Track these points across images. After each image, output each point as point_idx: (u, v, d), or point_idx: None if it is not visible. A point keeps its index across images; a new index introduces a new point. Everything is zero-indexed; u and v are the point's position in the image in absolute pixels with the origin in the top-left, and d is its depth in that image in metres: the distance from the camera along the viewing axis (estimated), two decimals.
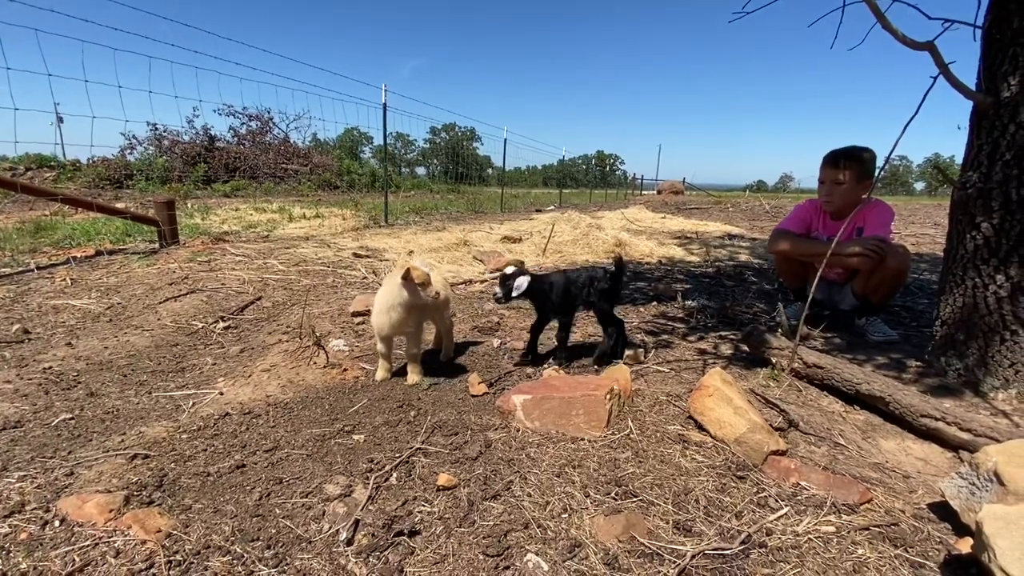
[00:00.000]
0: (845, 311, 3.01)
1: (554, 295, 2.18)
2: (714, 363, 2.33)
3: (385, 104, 7.47)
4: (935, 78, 1.75)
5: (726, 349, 2.56)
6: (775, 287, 4.05)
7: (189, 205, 8.22)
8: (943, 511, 1.31)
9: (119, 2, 4.11)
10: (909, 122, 1.80)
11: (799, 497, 1.37)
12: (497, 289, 2.09)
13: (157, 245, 4.53)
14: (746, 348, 2.42)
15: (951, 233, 2.04)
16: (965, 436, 1.59)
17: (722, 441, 1.60)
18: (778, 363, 2.14)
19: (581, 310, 2.37)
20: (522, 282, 2.06)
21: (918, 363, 2.27)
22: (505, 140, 12.89)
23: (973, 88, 1.90)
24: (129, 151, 13.28)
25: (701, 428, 1.69)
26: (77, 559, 1.08)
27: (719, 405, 1.65)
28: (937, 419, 1.66)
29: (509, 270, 2.08)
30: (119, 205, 7.75)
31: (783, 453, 1.55)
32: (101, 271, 3.69)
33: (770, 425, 1.67)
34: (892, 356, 2.43)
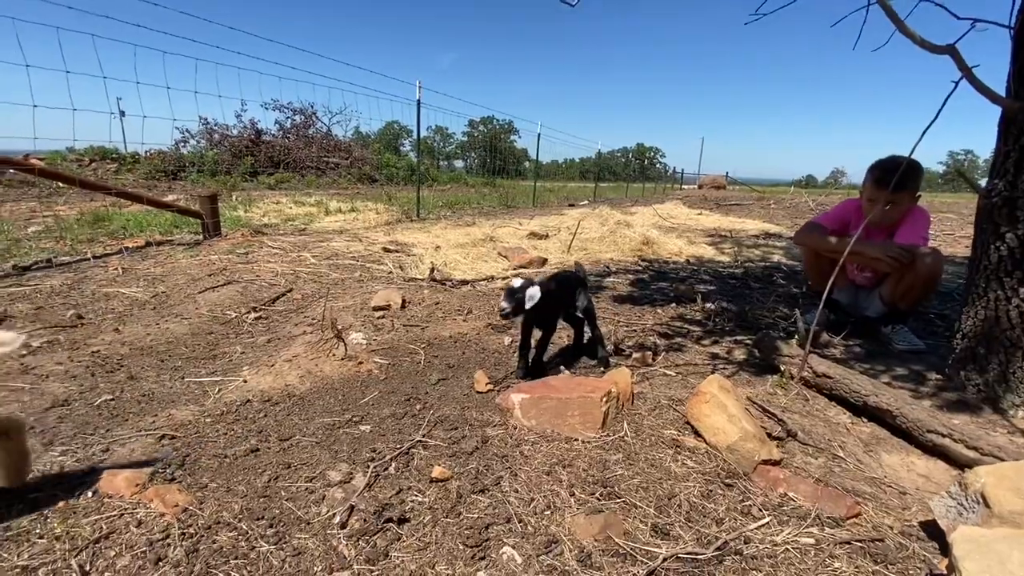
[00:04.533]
0: (871, 318, 2.91)
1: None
2: (724, 368, 2.32)
3: (419, 101, 7.61)
4: (956, 82, 1.68)
5: (740, 354, 2.53)
6: (803, 290, 3.94)
7: (234, 197, 8.63)
8: (933, 530, 1.29)
9: (168, 7, 4.36)
10: (928, 127, 1.74)
11: (784, 507, 1.38)
12: (504, 304, 1.98)
13: (201, 237, 4.81)
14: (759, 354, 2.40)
15: (975, 243, 1.96)
16: (971, 454, 1.55)
17: (715, 448, 1.61)
18: (787, 371, 2.12)
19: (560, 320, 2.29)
20: (534, 292, 1.97)
21: (939, 376, 2.19)
22: (539, 135, 12.91)
23: (1003, 93, 1.81)
24: (183, 144, 14.05)
25: (697, 434, 1.70)
26: (104, 527, 1.21)
27: (714, 412, 1.66)
28: (944, 435, 1.62)
29: (517, 283, 1.98)
30: (171, 196, 8.24)
31: (776, 463, 1.55)
32: (149, 261, 3.96)
33: (768, 434, 1.67)
34: (913, 367, 2.35)
